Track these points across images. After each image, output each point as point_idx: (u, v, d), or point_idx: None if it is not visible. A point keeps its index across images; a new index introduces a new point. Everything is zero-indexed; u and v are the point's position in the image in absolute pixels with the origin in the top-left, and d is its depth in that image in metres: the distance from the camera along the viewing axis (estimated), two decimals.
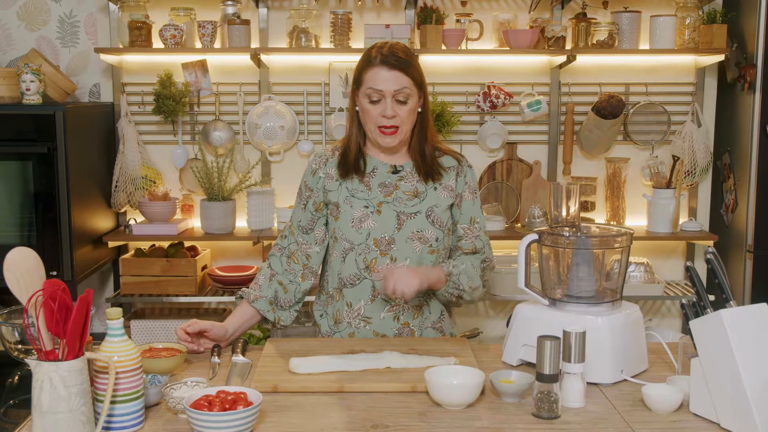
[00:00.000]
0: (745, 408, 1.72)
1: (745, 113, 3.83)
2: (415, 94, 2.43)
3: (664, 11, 3.99)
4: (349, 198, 2.48)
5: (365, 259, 2.46)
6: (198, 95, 4.05)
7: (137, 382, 1.76)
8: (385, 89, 2.38)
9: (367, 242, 2.45)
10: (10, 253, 1.73)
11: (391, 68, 2.38)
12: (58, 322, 1.65)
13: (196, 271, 3.83)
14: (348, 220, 2.46)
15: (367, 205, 2.46)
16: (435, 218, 2.47)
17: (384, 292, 2.33)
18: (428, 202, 2.48)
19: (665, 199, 3.92)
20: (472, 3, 4.03)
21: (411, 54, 2.45)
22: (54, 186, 3.44)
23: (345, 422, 1.83)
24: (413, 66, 2.42)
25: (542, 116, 4.07)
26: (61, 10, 4.05)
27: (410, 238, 2.45)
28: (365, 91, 2.41)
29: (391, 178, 2.50)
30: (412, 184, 2.49)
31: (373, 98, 2.40)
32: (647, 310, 4.26)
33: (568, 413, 1.89)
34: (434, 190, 2.50)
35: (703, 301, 1.89)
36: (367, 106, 2.42)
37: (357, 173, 2.50)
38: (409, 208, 2.46)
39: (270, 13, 4.03)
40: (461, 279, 2.42)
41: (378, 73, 2.39)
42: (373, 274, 2.44)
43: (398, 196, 2.48)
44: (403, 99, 2.40)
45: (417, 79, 2.43)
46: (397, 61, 2.39)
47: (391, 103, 2.39)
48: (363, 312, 2.48)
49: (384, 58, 2.39)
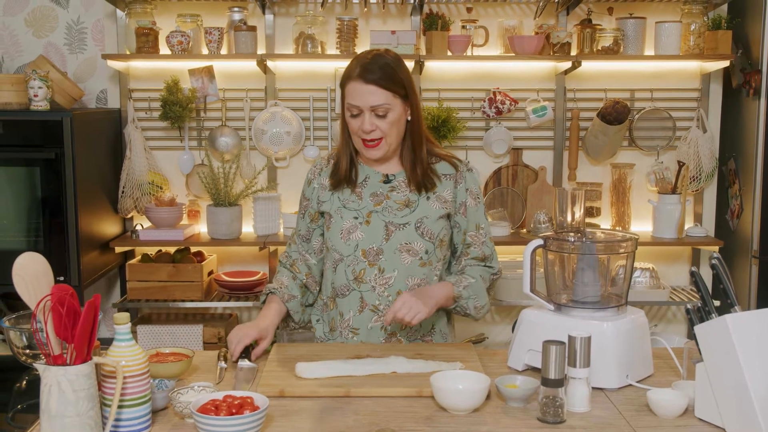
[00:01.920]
0: (750, 413, 1.72)
1: (750, 119, 3.83)
2: (397, 106, 2.34)
3: (670, 17, 4.00)
4: (340, 208, 2.45)
5: (354, 270, 2.43)
6: (204, 101, 4.07)
7: (145, 386, 1.77)
8: (362, 105, 2.32)
9: (356, 253, 2.42)
10: (19, 258, 1.74)
11: (368, 83, 2.31)
12: (66, 327, 1.66)
13: (202, 277, 3.84)
14: (337, 231, 2.44)
15: (357, 216, 2.43)
16: (425, 230, 2.42)
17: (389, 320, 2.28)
18: (419, 213, 2.42)
19: (670, 204, 3.92)
20: (478, 9, 4.05)
21: (394, 65, 2.36)
22: (61, 191, 3.45)
23: (351, 427, 1.83)
24: (394, 78, 2.33)
25: (548, 122, 4.08)
26: (69, 17, 4.07)
27: (398, 250, 2.41)
28: (346, 105, 2.37)
29: (382, 187, 2.46)
30: (404, 194, 2.45)
31: (353, 112, 2.35)
32: (652, 316, 4.25)
33: (574, 418, 1.89)
34: (427, 200, 2.44)
35: (708, 306, 1.89)
36: (348, 119, 2.38)
37: (348, 184, 2.46)
38: (398, 219, 2.42)
39: (276, 20, 4.05)
40: (468, 303, 2.41)
41: (354, 87, 2.33)
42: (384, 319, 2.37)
43: (388, 205, 2.43)
44: (382, 113, 2.33)
45: (399, 91, 2.34)
46: (374, 75, 2.31)
47: (369, 118, 2.33)
48: (351, 323, 2.46)
49: (361, 73, 2.32)
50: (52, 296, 1.67)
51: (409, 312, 2.25)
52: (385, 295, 2.42)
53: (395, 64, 2.36)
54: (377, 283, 2.42)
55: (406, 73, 2.39)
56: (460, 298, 2.39)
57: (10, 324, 2.04)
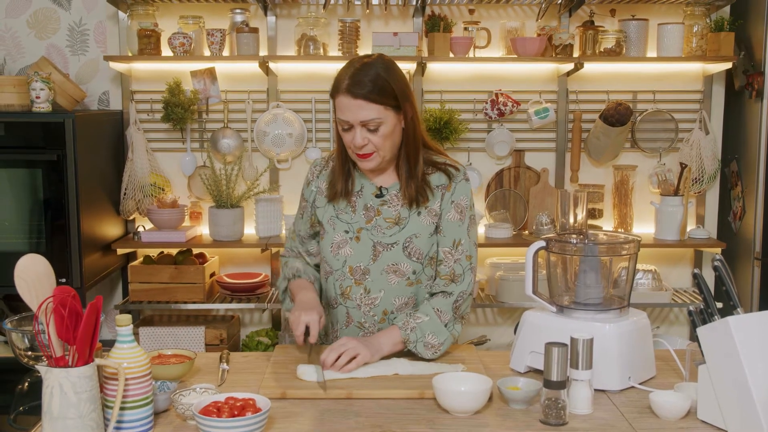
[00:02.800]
0: (752, 414, 1.72)
1: (752, 121, 3.83)
2: (389, 118, 2.23)
3: (672, 19, 4.00)
4: (333, 219, 2.41)
5: (341, 286, 2.40)
6: (206, 103, 4.07)
7: (147, 388, 1.77)
8: (352, 120, 2.22)
9: (343, 269, 2.39)
10: (21, 260, 1.74)
11: (356, 98, 2.20)
12: (68, 329, 1.66)
13: (204, 278, 3.84)
14: (328, 244, 2.41)
15: (348, 230, 2.38)
16: (413, 249, 2.34)
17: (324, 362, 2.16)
18: (408, 231, 2.34)
19: (673, 206, 3.92)
20: (480, 11, 4.05)
21: (385, 74, 2.23)
22: (63, 193, 3.45)
23: (353, 429, 1.83)
24: (385, 90, 2.21)
25: (550, 124, 4.07)
26: (71, 19, 4.08)
27: (385, 270, 2.35)
28: (337, 118, 2.28)
29: (374, 201, 2.38)
30: (396, 209, 2.36)
31: (344, 126, 2.26)
32: (655, 318, 4.25)
33: (576, 420, 1.89)
34: (418, 215, 2.35)
35: (710, 308, 1.89)
36: (341, 132, 2.29)
37: (345, 196, 2.41)
38: (386, 239, 2.35)
39: (278, 21, 4.05)
40: (418, 347, 2.26)
41: (343, 102, 2.23)
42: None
43: (378, 223, 2.36)
44: (374, 128, 2.23)
45: (390, 103, 2.23)
46: (363, 89, 2.20)
47: (360, 132, 2.23)
48: (339, 335, 2.43)
49: (349, 86, 2.21)
50: (54, 298, 1.68)
51: (348, 351, 2.16)
52: (370, 314, 2.39)
53: (386, 74, 2.24)
54: (363, 302, 2.39)
55: (400, 80, 2.28)
56: (408, 341, 2.28)
57: (12, 326, 2.04)
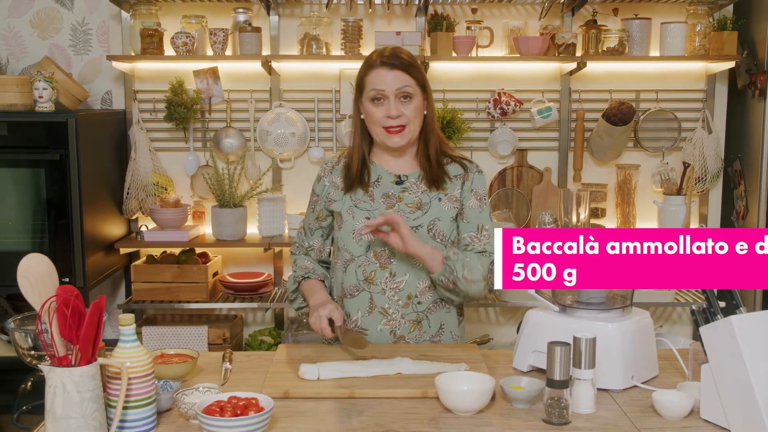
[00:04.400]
0: (755, 414, 1.72)
1: (755, 120, 3.83)
2: (419, 93, 2.40)
3: (675, 18, 3.99)
4: (351, 208, 2.46)
5: (365, 272, 2.44)
6: (209, 102, 4.07)
7: (149, 387, 1.77)
8: (387, 89, 2.36)
9: (367, 254, 2.43)
10: (24, 259, 1.75)
11: (393, 68, 2.37)
12: (71, 328, 1.66)
13: (207, 278, 3.84)
14: (349, 231, 2.44)
15: (369, 217, 2.43)
16: (437, 232, 2.43)
17: (374, 224, 2.30)
18: (431, 215, 2.43)
19: (676, 205, 3.91)
20: (483, 10, 4.04)
21: (412, 57, 2.43)
22: (66, 193, 3.46)
23: (356, 428, 1.83)
24: (415, 66, 2.40)
25: (552, 123, 4.07)
26: (74, 18, 4.08)
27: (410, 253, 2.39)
28: (368, 94, 2.39)
29: (394, 188, 2.46)
30: (417, 195, 2.45)
31: (377, 98, 2.38)
32: (658, 317, 4.25)
33: (579, 419, 1.89)
34: (438, 201, 2.44)
35: (713, 307, 1.88)
36: (371, 109, 2.40)
37: (361, 185, 2.47)
38: (410, 222, 2.40)
39: (281, 21, 4.05)
40: (456, 266, 2.33)
41: (379, 74, 2.38)
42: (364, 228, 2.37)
43: (401, 208, 2.43)
44: (407, 96, 2.37)
45: (419, 80, 2.40)
46: (399, 61, 2.37)
47: (395, 103, 2.36)
48: (360, 323, 2.45)
49: (385, 60, 2.38)
50: (57, 297, 1.68)
51: (393, 218, 2.29)
52: (395, 299, 2.42)
53: (414, 58, 2.43)
54: (387, 287, 2.42)
55: (422, 67, 2.46)
56: (448, 258, 2.34)
57: (15, 325, 2.04)
